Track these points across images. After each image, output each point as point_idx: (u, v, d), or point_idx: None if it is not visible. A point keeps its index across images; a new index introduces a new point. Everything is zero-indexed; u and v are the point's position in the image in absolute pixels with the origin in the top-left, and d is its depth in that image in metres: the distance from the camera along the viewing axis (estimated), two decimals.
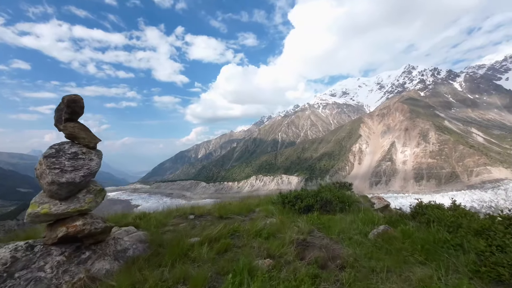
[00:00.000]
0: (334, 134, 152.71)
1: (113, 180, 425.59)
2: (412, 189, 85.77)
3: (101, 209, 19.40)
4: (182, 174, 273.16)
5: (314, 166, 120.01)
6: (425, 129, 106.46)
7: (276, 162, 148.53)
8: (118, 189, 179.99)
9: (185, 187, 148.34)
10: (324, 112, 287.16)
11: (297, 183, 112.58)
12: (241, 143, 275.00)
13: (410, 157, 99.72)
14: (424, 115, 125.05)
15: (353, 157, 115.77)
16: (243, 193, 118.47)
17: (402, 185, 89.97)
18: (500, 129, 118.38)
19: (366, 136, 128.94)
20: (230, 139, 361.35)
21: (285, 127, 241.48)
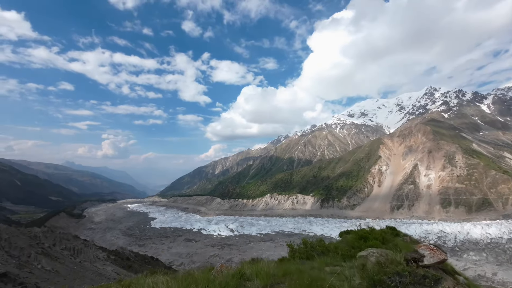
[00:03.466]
0: (352, 154, 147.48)
1: (134, 192, 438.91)
2: (439, 215, 78.09)
3: (120, 220, 20.10)
4: (199, 189, 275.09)
5: (331, 186, 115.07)
6: (451, 151, 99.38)
7: (292, 180, 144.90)
8: (138, 201, 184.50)
9: (201, 202, 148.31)
10: (341, 132, 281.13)
11: (312, 203, 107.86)
12: (257, 161, 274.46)
13: (435, 181, 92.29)
14: (449, 137, 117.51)
15: (372, 178, 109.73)
16: (257, 211, 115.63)
17: (427, 211, 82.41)
18: None
19: (386, 157, 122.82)
20: (247, 157, 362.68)
21: (302, 146, 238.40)
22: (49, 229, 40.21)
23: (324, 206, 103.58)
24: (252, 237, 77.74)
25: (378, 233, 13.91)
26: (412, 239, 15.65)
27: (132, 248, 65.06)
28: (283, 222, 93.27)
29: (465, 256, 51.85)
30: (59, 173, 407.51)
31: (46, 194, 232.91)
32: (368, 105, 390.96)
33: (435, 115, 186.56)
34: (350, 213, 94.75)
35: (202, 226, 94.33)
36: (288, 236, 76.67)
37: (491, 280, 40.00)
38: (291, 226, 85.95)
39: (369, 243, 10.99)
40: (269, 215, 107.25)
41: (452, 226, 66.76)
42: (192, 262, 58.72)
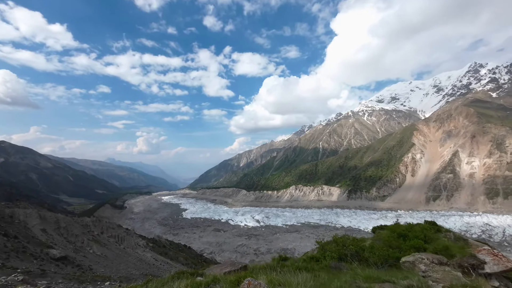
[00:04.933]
0: (382, 142, 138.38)
1: (166, 185, 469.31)
2: (483, 207, 70.30)
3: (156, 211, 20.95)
4: (225, 181, 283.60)
5: (359, 176, 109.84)
6: (500, 135, 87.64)
7: (317, 171, 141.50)
8: (170, 194, 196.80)
9: (227, 194, 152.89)
10: (370, 119, 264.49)
11: (339, 195, 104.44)
12: (281, 153, 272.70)
13: (479, 169, 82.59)
14: (498, 119, 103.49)
15: (405, 167, 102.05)
16: (282, 203, 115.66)
17: (469, 202, 74.56)
18: None
19: (420, 145, 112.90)
20: (271, 149, 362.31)
21: (327, 136, 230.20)
22: (97, 219, 44.71)
23: (351, 197, 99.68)
24: (278, 228, 78.30)
25: (418, 230, 12.62)
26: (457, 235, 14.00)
27: (167, 236, 69.87)
28: (308, 213, 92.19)
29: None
30: (102, 169, 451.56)
31: (93, 187, 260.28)
32: (400, 88, 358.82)
33: (480, 94, 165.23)
34: (380, 205, 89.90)
35: (229, 216, 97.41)
36: (314, 227, 75.70)
37: None
38: (317, 218, 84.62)
39: (410, 243, 9.91)
40: (294, 206, 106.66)
41: (500, 219, 59.97)
42: (221, 250, 61.23)
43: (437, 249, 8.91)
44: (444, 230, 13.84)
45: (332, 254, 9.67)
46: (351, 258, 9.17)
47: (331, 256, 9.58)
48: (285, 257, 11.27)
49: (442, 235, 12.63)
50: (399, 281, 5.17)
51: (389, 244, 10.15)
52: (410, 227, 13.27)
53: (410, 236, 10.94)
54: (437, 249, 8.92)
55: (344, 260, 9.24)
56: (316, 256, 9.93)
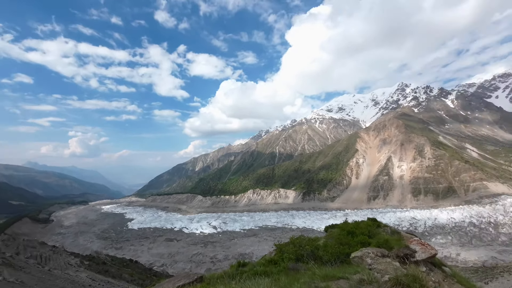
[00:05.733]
0: (331, 148, 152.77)
1: (107, 192, 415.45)
2: (410, 204, 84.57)
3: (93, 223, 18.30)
4: (179, 187, 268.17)
5: (312, 179, 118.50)
6: (421, 144, 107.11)
7: (274, 175, 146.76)
8: (113, 202, 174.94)
9: (181, 200, 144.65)
10: (321, 127, 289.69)
11: (294, 197, 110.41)
12: (238, 157, 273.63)
13: (407, 172, 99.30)
14: (419, 130, 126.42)
15: (351, 171, 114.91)
16: (240, 207, 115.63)
17: (400, 200, 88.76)
18: (494, 145, 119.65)
19: (362, 151, 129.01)
20: (228, 153, 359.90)
21: (283, 141, 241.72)
22: (10, 237, 36.49)
23: (305, 199, 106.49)
24: (235, 233, 77.68)
25: (364, 226, 14.20)
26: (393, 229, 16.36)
27: (108, 251, 61.67)
28: (266, 216, 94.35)
29: (433, 240, 56.77)
30: (19, 175, 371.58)
31: (5, 198, 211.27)
32: (345, 100, 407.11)
33: (406, 109, 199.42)
34: (330, 205, 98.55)
35: (183, 224, 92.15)
36: (271, 230, 77.78)
37: (455, 260, 44.25)
38: (274, 220, 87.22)
39: (358, 239, 11.05)
40: (252, 210, 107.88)
41: (422, 213, 72.66)
42: (174, 262, 57.21)
43: (379, 243, 10.13)
44: (383, 225, 15.94)
45: (290, 256, 10.01)
46: (307, 258, 9.66)
47: (288, 257, 9.90)
48: (244, 262, 11.15)
49: (381, 229, 14.50)
50: (351, 276, 5.59)
51: (340, 241, 11.11)
52: (357, 225, 14.81)
53: (357, 233, 12.20)
54: (379, 243, 10.14)
55: (301, 261, 9.66)
56: (275, 258, 10.13)
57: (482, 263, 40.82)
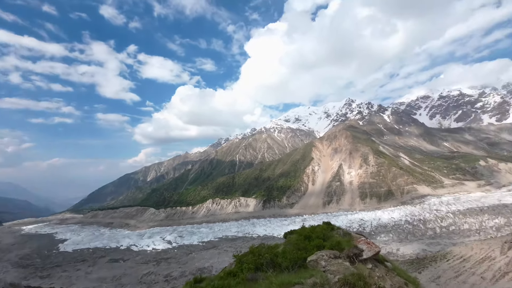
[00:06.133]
0: (289, 156, 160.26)
1: (31, 209, 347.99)
2: (359, 206, 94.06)
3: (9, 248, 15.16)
4: (127, 199, 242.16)
5: (272, 187, 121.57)
6: (365, 152, 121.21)
7: (234, 184, 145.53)
8: (38, 221, 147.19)
9: (130, 214, 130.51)
10: (279, 136, 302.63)
11: (255, 205, 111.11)
12: (196, 165, 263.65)
13: (355, 178, 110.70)
14: (364, 140, 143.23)
15: (307, 178, 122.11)
16: (198, 218, 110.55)
17: (351, 203, 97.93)
18: (420, 154, 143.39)
19: (317, 159, 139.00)
20: (185, 161, 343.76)
21: (243, 149, 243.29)
22: None
23: (266, 207, 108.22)
24: (193, 247, 73.48)
25: (319, 230, 15.12)
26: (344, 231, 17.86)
27: (30, 282, 51.05)
28: (226, 226, 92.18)
29: (378, 238, 63.88)
30: None
31: None
32: (301, 111, 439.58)
33: (353, 122, 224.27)
34: (290, 211, 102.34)
35: (132, 242, 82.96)
36: (232, 240, 76.14)
37: (396, 255, 50.65)
38: (234, 230, 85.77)
39: (313, 243, 11.66)
40: (211, 221, 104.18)
41: (369, 214, 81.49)
42: (120, 285, 50.60)
43: (332, 245, 10.86)
44: (336, 228, 17.25)
45: (249, 266, 9.90)
46: (266, 266, 9.70)
47: (248, 268, 9.77)
48: (201, 278, 10.56)
49: (335, 232, 15.67)
50: (306, 281, 5.84)
51: (298, 246, 11.53)
52: (313, 229, 15.67)
53: (313, 237, 12.88)
54: (332, 245, 10.87)
55: (260, 270, 9.64)
56: (233, 270, 9.88)
57: (416, 255, 47.73)
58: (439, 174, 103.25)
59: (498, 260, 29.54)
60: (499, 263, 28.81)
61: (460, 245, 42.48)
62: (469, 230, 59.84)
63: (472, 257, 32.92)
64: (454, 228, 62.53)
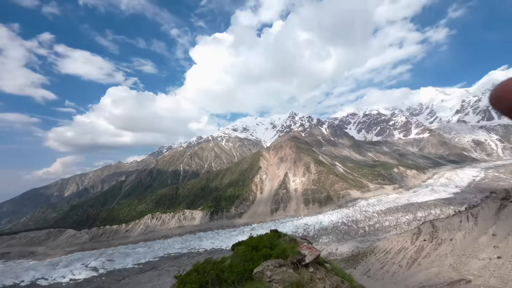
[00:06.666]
0: (238, 165, 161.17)
1: None
2: (303, 212, 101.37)
3: None
4: (33, 221, 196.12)
5: (220, 197, 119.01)
6: (307, 162, 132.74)
7: (178, 195, 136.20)
8: None
9: (37, 239, 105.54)
10: (227, 145, 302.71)
11: (201, 218, 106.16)
12: (132, 176, 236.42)
13: (299, 185, 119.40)
14: (306, 150, 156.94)
15: (256, 186, 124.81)
16: (134, 237, 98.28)
17: (296, 209, 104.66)
18: (351, 163, 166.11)
19: (265, 167, 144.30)
20: (118, 171, 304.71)
21: (188, 158, 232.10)
22: None
23: (213, 219, 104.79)
24: (127, 271, 64.34)
25: (266, 239, 15.35)
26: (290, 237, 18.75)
27: None
28: (168, 243, 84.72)
29: (320, 240, 69.85)
30: None
31: None
32: (249, 121, 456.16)
33: (296, 133, 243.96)
34: (238, 221, 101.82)
35: (39, 274, 66.91)
36: (175, 258, 70.22)
37: (335, 254, 56.25)
38: (178, 247, 79.68)
39: (261, 253, 11.71)
40: (151, 238, 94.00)
41: (312, 219, 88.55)
42: None
43: (278, 253, 11.13)
44: (283, 234, 17.91)
45: (193, 286, 9.20)
46: (212, 284, 9.17)
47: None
48: None
49: (281, 239, 16.20)
50: None
51: (245, 258, 11.38)
52: (260, 238, 15.81)
53: (260, 247, 12.94)
54: (278, 253, 11.13)
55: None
56: None
57: (351, 252, 54.12)
58: (366, 180, 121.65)
59: (410, 249, 36.19)
60: (411, 252, 35.31)
61: (383, 240, 50.26)
62: (389, 226, 71.73)
63: (392, 249, 39.37)
64: (378, 226, 73.93)
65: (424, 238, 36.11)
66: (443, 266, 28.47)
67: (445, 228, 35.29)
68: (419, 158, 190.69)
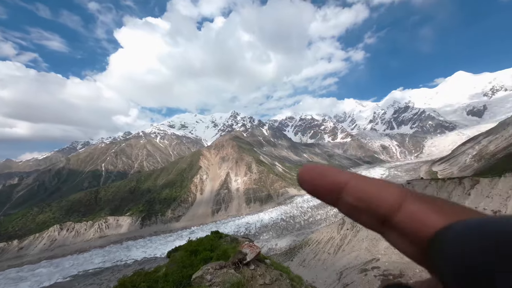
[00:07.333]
0: (175, 165, 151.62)
1: None
2: (245, 211, 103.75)
3: None
4: None
5: (154, 200, 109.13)
6: (249, 161, 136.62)
7: (99, 200, 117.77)
8: None
9: None
10: (162, 142, 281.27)
11: (130, 224, 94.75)
12: (30, 178, 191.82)
13: (241, 184, 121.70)
14: (248, 150, 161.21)
15: (195, 187, 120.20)
16: (33, 255, 79.54)
17: (238, 209, 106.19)
18: (289, 163, 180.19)
19: (205, 167, 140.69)
20: (6, 172, 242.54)
21: (113, 157, 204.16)
22: None
23: (146, 224, 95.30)
24: None
25: (206, 242, 14.85)
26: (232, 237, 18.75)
27: None
28: (85, 258, 72.08)
29: (261, 237, 73.29)
30: None
31: None
32: (188, 118, 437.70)
33: (238, 133, 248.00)
34: (176, 225, 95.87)
35: None
36: (94, 275, 60.37)
37: (275, 249, 60.12)
38: (99, 260, 68.98)
39: (200, 257, 11.22)
40: (59, 255, 77.74)
41: (253, 217, 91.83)
42: None
43: (219, 255, 10.92)
44: (224, 235, 17.72)
45: None
46: None
47: None
48: None
49: (223, 240, 16.00)
50: None
51: (183, 264, 10.69)
52: (200, 242, 15.20)
53: (200, 250, 12.44)
54: (219, 255, 10.92)
55: None
56: None
57: (289, 246, 58.89)
58: None
59: (336, 238, 41.85)
60: (337, 240, 40.88)
61: (316, 232, 56.44)
62: (320, 220, 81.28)
63: (322, 240, 44.68)
64: (312, 220, 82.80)
65: (347, 228, 42.32)
66: (360, 250, 34.14)
67: None
68: (344, 159, 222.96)
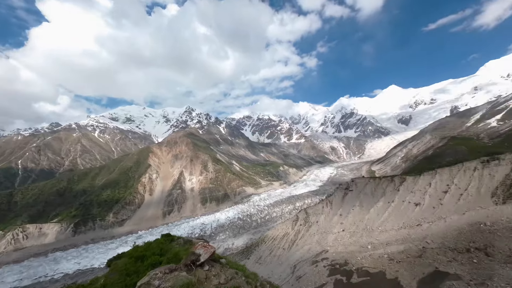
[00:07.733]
0: (118, 163, 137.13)
1: None
2: (200, 211, 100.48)
3: None
4: None
5: (90, 202, 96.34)
6: (205, 160, 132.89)
7: (14, 205, 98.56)
8: None
9: None
10: (102, 137, 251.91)
11: (58, 233, 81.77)
12: None
13: (196, 184, 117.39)
14: (203, 148, 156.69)
15: (143, 187, 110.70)
16: None
17: (192, 210, 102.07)
18: (246, 162, 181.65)
19: (156, 166, 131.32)
20: None
21: (34, 152, 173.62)
22: None
23: (80, 231, 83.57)
24: None
25: (155, 246, 13.72)
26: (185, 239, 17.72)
27: None
28: None
29: (217, 238, 72.14)
30: None
31: None
32: (135, 111, 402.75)
33: (193, 130, 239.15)
34: (119, 230, 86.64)
35: None
36: None
37: (231, 249, 59.80)
38: (14, 279, 57.90)
39: (147, 262, 10.23)
40: None
41: (209, 218, 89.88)
42: None
43: (169, 259, 10.16)
44: (177, 238, 16.65)
45: None
46: None
47: None
48: None
49: (175, 243, 15.00)
50: None
51: (127, 272, 9.57)
52: (147, 246, 13.96)
53: (148, 255, 11.37)
54: (169, 259, 10.15)
55: None
56: None
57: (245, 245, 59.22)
58: (259, 177, 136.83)
59: (291, 233, 43.99)
60: (291, 236, 42.99)
61: (272, 229, 58.38)
62: (276, 217, 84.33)
63: (278, 236, 46.41)
64: (268, 217, 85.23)
65: (301, 223, 44.91)
66: (312, 243, 36.58)
67: (314, 213, 45.51)
68: (298, 159, 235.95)
